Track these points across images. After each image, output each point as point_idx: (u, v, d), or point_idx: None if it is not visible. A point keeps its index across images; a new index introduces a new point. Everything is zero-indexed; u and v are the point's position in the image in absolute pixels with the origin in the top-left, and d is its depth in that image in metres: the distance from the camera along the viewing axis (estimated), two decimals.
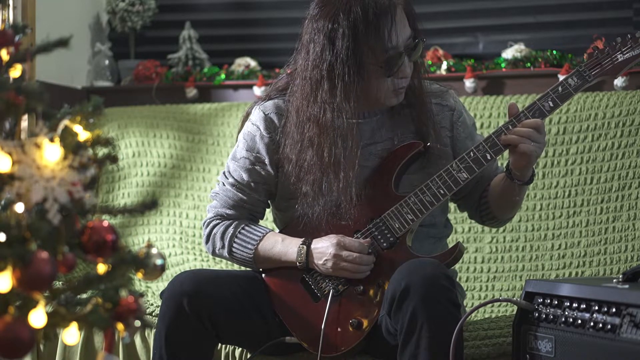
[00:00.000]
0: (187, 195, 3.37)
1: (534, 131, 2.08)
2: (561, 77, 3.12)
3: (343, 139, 2.14)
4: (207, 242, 2.29)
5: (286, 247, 2.20)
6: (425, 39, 2.18)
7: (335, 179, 2.13)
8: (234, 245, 2.24)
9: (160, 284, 2.96)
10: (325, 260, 2.14)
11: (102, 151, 1.40)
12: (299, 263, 2.18)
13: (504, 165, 2.20)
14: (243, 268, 2.34)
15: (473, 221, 2.43)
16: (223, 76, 3.71)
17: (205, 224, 2.30)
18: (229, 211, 2.27)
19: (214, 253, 2.29)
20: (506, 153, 2.15)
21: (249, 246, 2.23)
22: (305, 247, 2.18)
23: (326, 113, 2.12)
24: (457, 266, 2.35)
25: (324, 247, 2.15)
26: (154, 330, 2.21)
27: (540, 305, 1.92)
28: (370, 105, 2.21)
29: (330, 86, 2.11)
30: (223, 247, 2.26)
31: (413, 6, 2.17)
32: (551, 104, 2.14)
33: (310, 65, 2.14)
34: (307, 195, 2.17)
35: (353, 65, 2.09)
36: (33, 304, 1.25)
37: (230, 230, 2.25)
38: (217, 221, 2.27)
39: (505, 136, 2.11)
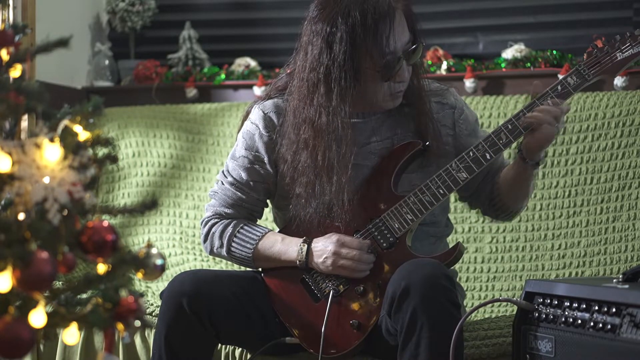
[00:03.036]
0: (187, 195, 3.37)
1: (562, 113, 2.10)
2: (561, 77, 3.12)
3: (337, 143, 2.14)
4: (205, 241, 2.29)
5: (286, 246, 2.20)
6: (424, 43, 2.17)
7: (328, 183, 2.14)
8: (233, 244, 2.24)
9: (160, 284, 2.96)
10: (325, 257, 2.15)
11: (102, 151, 1.40)
12: (299, 262, 2.18)
13: (516, 147, 2.20)
14: (242, 268, 2.34)
15: (473, 221, 2.43)
16: (223, 76, 3.71)
17: (204, 223, 2.29)
18: (227, 210, 2.27)
19: (211, 252, 2.29)
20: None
21: (248, 245, 2.23)
22: (306, 245, 2.18)
23: (322, 116, 2.13)
24: (457, 266, 2.35)
25: (323, 245, 2.15)
26: (154, 330, 2.21)
27: (540, 305, 1.92)
28: (366, 107, 2.21)
29: (326, 90, 2.12)
30: (221, 246, 2.26)
31: (413, 9, 2.17)
32: (550, 104, 2.14)
33: (308, 67, 2.14)
34: (300, 196, 2.17)
35: (350, 69, 2.09)
36: (33, 304, 1.25)
37: (229, 229, 2.25)
38: (216, 220, 2.27)
39: (532, 114, 2.11)
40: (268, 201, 2.34)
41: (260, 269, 2.29)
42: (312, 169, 2.14)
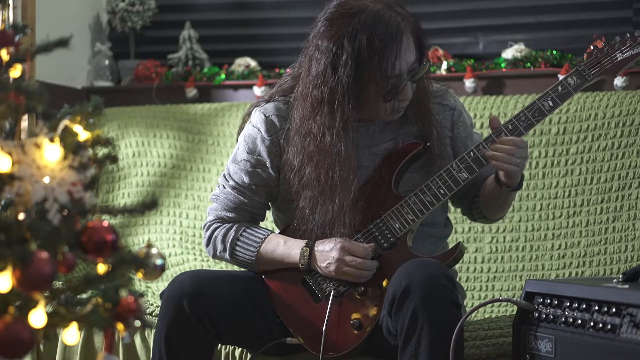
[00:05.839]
0: (187, 195, 3.37)
1: (516, 148, 2.08)
2: (561, 77, 3.12)
3: (340, 165, 2.12)
4: (207, 244, 2.29)
5: (289, 248, 2.20)
6: (430, 61, 2.15)
7: (330, 202, 2.12)
8: (236, 247, 2.24)
9: (160, 284, 2.96)
10: (329, 263, 2.14)
11: (102, 151, 1.40)
12: (302, 265, 2.18)
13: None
14: (243, 269, 2.34)
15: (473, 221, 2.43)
16: (223, 76, 3.71)
17: (206, 227, 2.29)
18: (229, 214, 2.27)
19: (214, 256, 2.29)
20: None
21: (251, 248, 2.23)
22: (308, 249, 2.17)
23: (325, 136, 2.11)
24: (457, 266, 2.35)
25: (327, 250, 2.15)
26: (154, 331, 2.21)
27: (540, 305, 1.92)
28: (368, 118, 2.19)
29: (329, 110, 2.09)
30: (224, 249, 2.25)
31: (421, 26, 2.12)
32: (551, 104, 2.14)
33: (312, 82, 2.11)
34: (303, 209, 2.16)
35: (353, 93, 2.07)
36: (33, 304, 1.25)
37: (232, 233, 2.24)
38: (218, 224, 2.27)
39: (490, 152, 2.10)
40: (270, 203, 2.34)
41: (261, 271, 2.28)
42: (316, 184, 2.13)
